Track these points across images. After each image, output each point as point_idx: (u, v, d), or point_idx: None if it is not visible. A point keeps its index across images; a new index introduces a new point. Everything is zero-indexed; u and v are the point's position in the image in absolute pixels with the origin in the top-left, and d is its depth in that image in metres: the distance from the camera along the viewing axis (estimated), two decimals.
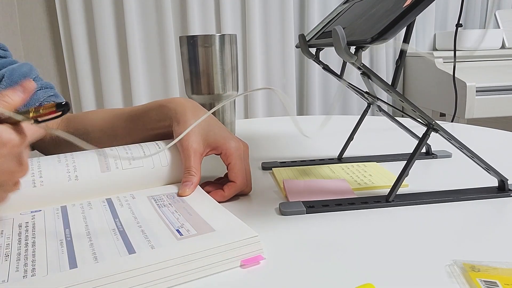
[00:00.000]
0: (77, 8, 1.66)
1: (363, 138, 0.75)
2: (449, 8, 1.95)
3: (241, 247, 0.33)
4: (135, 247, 0.32)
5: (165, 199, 0.43)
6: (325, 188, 0.49)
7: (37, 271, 0.29)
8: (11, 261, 0.31)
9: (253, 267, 0.32)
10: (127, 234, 0.35)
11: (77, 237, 0.35)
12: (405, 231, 0.38)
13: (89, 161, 0.45)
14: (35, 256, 0.32)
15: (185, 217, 0.38)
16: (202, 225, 0.36)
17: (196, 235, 0.34)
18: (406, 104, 0.41)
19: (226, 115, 0.72)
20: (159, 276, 0.30)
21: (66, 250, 0.32)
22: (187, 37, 0.68)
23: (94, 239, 0.34)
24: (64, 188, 0.43)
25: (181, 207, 0.41)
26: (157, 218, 0.38)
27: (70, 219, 0.39)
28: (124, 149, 0.47)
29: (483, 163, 0.44)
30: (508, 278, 0.28)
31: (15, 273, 0.29)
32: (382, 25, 0.35)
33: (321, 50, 0.53)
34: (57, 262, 0.30)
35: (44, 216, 0.39)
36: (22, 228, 0.37)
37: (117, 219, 0.38)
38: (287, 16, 1.78)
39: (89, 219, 0.38)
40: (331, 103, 1.91)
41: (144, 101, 1.77)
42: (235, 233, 0.34)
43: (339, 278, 0.30)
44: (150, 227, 0.36)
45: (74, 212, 0.40)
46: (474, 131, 0.79)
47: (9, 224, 0.38)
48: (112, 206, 0.41)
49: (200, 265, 0.31)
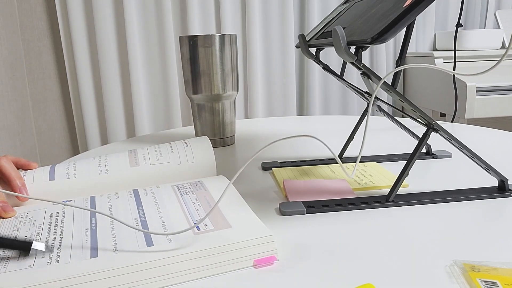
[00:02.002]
0: (77, 8, 1.66)
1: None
2: (449, 8, 1.95)
3: (255, 246, 0.33)
4: (154, 240, 0.33)
5: (188, 187, 0.45)
6: (325, 188, 0.49)
7: (61, 258, 0.31)
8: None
9: (250, 268, 0.32)
10: (148, 225, 0.36)
11: (101, 227, 0.36)
12: (405, 231, 0.38)
13: (120, 158, 0.50)
14: (61, 245, 0.33)
15: (205, 209, 0.39)
16: (220, 219, 0.36)
17: (213, 231, 0.34)
18: (406, 104, 0.41)
19: (226, 115, 0.72)
20: (174, 270, 0.31)
21: (90, 239, 0.34)
22: (187, 37, 0.68)
23: (117, 229, 0.35)
24: (95, 180, 0.47)
25: (202, 196, 0.42)
26: (178, 208, 0.39)
27: (97, 208, 0.40)
28: (154, 148, 0.52)
29: (483, 163, 0.44)
30: (508, 278, 0.28)
31: (40, 259, 0.31)
32: (382, 25, 0.35)
33: (321, 50, 0.53)
34: (80, 251, 0.32)
35: (73, 206, 0.40)
36: (52, 217, 0.39)
37: (140, 208, 0.40)
38: (287, 16, 1.78)
39: (115, 209, 0.40)
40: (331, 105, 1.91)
41: (144, 101, 1.77)
42: (250, 231, 0.34)
43: (339, 278, 0.30)
44: (171, 219, 0.37)
45: (102, 202, 0.42)
46: (474, 131, 0.79)
47: (41, 215, 0.40)
48: (137, 195, 0.43)
49: (214, 261, 0.32)
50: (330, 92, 1.91)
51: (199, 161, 0.50)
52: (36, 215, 0.40)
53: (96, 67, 1.74)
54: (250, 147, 0.72)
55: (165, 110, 1.80)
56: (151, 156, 0.50)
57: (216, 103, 0.71)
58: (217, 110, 0.71)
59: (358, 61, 0.38)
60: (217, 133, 0.72)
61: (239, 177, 0.55)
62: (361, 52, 0.37)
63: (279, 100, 1.86)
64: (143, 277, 0.30)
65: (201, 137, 0.54)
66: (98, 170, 0.47)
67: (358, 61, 0.38)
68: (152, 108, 1.81)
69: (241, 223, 0.36)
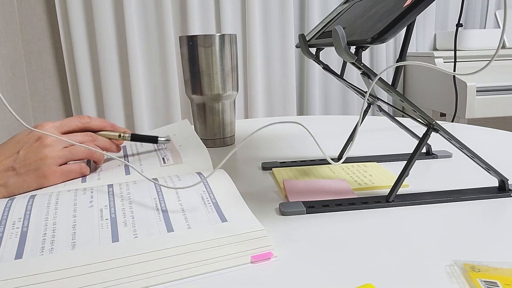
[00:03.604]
0: (77, 8, 1.66)
1: (363, 138, 0.75)
2: (449, 8, 1.95)
3: (249, 241, 0.33)
4: (151, 231, 0.33)
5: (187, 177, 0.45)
6: (325, 188, 0.49)
7: (77, 243, 0.31)
8: (61, 232, 0.33)
9: (253, 266, 0.32)
10: (146, 215, 0.36)
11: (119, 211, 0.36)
12: (405, 231, 0.38)
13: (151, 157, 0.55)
14: (75, 228, 0.33)
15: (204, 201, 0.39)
16: (217, 212, 0.37)
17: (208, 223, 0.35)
18: (407, 104, 0.41)
19: (226, 115, 0.72)
20: (172, 264, 0.31)
21: (110, 225, 0.34)
22: (187, 37, 0.68)
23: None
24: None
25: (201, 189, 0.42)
26: (177, 202, 0.39)
27: (115, 196, 0.40)
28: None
29: (484, 163, 0.44)
30: (508, 278, 0.28)
31: (62, 242, 0.32)
32: (382, 25, 0.35)
33: (321, 50, 0.53)
34: (98, 236, 0.32)
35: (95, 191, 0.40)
36: (77, 199, 0.39)
37: (155, 191, 0.40)
38: (287, 16, 1.78)
39: (132, 196, 0.40)
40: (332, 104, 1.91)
41: (144, 101, 1.77)
42: (243, 226, 0.34)
43: (339, 278, 0.30)
44: (173, 211, 0.37)
45: (119, 190, 0.41)
46: (475, 131, 0.79)
47: (64, 196, 0.39)
48: (156, 181, 0.43)
49: (210, 256, 0.32)
50: (330, 92, 1.91)
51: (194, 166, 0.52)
52: (61, 198, 0.39)
53: (96, 67, 1.74)
54: (250, 147, 0.72)
55: (165, 110, 1.80)
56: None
57: (216, 103, 0.71)
58: (217, 110, 0.71)
59: (358, 61, 0.38)
60: (217, 133, 0.72)
61: (239, 177, 0.55)
62: (361, 52, 0.37)
63: (279, 100, 1.86)
64: (143, 270, 0.30)
65: (199, 147, 0.56)
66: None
67: (358, 61, 0.38)
68: (152, 108, 1.80)
69: (236, 217, 0.36)
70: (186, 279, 0.31)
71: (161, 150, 0.58)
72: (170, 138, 0.61)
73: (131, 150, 0.60)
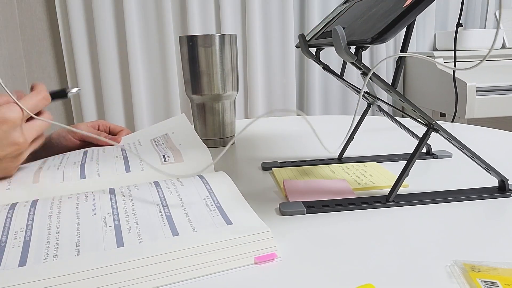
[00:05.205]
0: (77, 8, 1.66)
1: (363, 138, 0.75)
2: (449, 8, 1.95)
3: (254, 242, 0.33)
4: (156, 235, 0.33)
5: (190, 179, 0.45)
6: (325, 188, 0.49)
7: (81, 248, 0.31)
8: (64, 240, 0.33)
9: (255, 267, 0.32)
10: (151, 221, 0.36)
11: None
12: (405, 231, 0.38)
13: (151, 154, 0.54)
14: (79, 236, 0.33)
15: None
16: (222, 216, 0.37)
17: (213, 226, 0.35)
18: (406, 104, 0.41)
19: (226, 115, 0.72)
20: (177, 266, 0.31)
21: (114, 230, 0.34)
22: (187, 37, 0.68)
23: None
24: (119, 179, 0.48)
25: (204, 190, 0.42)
26: (180, 208, 0.39)
27: (117, 201, 0.39)
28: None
29: (483, 163, 0.44)
30: (508, 278, 0.28)
31: (66, 249, 0.31)
32: (382, 25, 0.35)
33: (321, 50, 0.53)
34: (102, 242, 0.32)
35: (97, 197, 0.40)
36: (79, 205, 0.38)
37: (158, 197, 0.40)
38: (287, 16, 1.78)
39: (135, 198, 0.40)
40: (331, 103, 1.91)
41: (144, 101, 1.77)
42: (249, 228, 0.34)
43: (339, 278, 0.30)
44: (177, 216, 0.37)
45: (120, 193, 0.41)
46: (475, 131, 0.79)
47: (67, 203, 0.39)
48: (159, 187, 0.43)
49: (215, 258, 0.32)
50: (330, 92, 1.91)
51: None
52: (63, 205, 0.39)
53: (96, 67, 1.74)
54: (250, 147, 0.72)
55: (165, 110, 1.80)
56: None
57: (216, 103, 0.71)
58: (217, 110, 0.71)
59: (358, 61, 0.38)
60: (217, 133, 0.72)
61: (239, 177, 0.55)
62: (361, 52, 0.37)
63: (279, 100, 1.86)
64: (147, 273, 0.30)
65: (200, 147, 0.55)
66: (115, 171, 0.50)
67: (358, 61, 0.38)
68: (152, 108, 1.81)
69: (241, 219, 0.36)
70: (189, 281, 0.31)
71: (160, 146, 0.58)
72: (169, 136, 0.61)
73: (129, 147, 0.60)
